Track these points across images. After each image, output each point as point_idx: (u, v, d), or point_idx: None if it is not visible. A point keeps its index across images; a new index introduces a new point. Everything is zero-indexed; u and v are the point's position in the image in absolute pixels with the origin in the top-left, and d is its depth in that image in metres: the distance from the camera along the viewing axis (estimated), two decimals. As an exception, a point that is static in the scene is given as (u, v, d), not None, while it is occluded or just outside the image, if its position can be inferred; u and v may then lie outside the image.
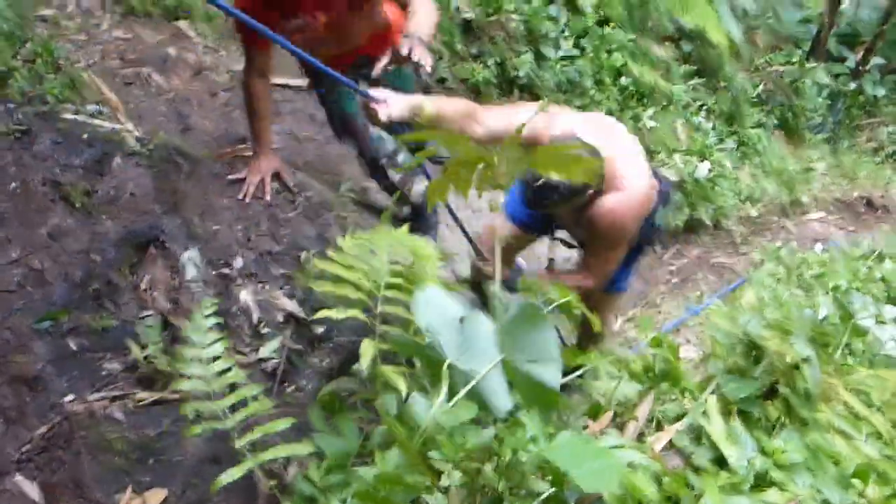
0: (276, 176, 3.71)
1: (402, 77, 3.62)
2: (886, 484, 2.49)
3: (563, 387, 1.94)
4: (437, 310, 1.92)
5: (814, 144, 7.70)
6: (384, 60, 3.07)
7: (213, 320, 2.31)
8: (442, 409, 1.81)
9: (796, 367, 2.82)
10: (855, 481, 2.43)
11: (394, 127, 3.34)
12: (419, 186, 3.89)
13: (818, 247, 6.36)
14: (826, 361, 3.77)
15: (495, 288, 2.23)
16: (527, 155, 2.31)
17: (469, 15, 5.30)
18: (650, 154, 5.79)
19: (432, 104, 2.81)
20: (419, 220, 4.10)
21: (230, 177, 3.62)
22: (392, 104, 2.75)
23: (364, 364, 1.90)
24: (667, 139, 5.84)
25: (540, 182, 2.83)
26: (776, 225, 6.75)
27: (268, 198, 3.61)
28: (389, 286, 2.17)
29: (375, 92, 2.80)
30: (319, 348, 3.47)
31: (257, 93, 3.51)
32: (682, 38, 6.37)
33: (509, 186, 2.42)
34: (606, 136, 2.96)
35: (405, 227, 2.73)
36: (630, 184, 2.96)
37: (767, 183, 6.65)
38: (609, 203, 2.94)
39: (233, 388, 2.19)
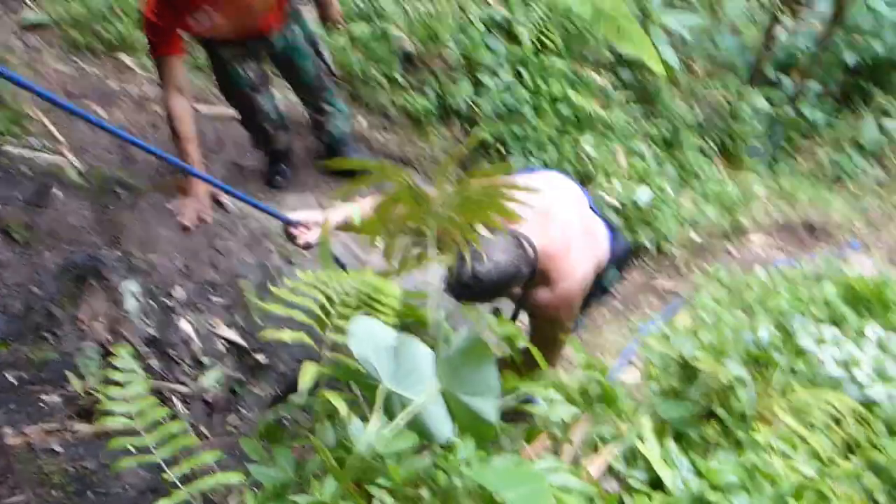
0: (211, 197, 3.79)
1: (300, 53, 3.87)
2: (824, 503, 2.58)
3: (502, 410, 2.01)
4: (372, 337, 1.99)
5: (753, 169, 7.88)
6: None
7: (134, 363, 2.38)
8: (380, 435, 1.87)
9: (731, 387, 2.91)
10: (791, 501, 2.51)
11: None
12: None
13: (760, 270, 6.50)
14: (765, 382, 3.88)
15: (440, 317, 2.31)
16: (462, 192, 2.38)
17: (409, 46, 5.41)
18: (590, 180, 5.92)
19: (360, 212, 2.70)
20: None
21: (169, 204, 3.68)
22: (314, 230, 2.81)
23: (303, 386, 1.94)
24: (607, 165, 5.97)
25: (466, 275, 2.64)
26: (718, 249, 6.91)
27: (208, 219, 3.67)
28: (342, 315, 2.22)
29: (297, 216, 2.86)
30: (261, 377, 3.54)
31: (177, 113, 3.62)
32: (620, 65, 6.53)
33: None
34: (544, 222, 2.85)
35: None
36: (565, 276, 2.93)
37: (708, 208, 6.81)
38: (545, 297, 2.92)
39: (170, 418, 2.24)
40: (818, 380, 4.01)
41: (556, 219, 2.95)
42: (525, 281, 2.85)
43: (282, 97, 4.64)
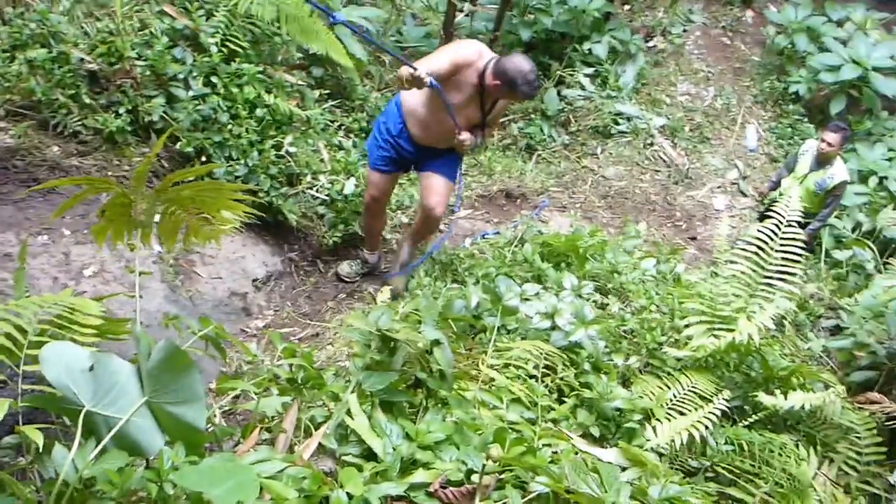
0: None
1: None
2: (522, 443, 2.80)
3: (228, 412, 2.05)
4: (66, 361, 1.97)
5: (451, 148, 8.18)
6: None
7: None
8: (85, 458, 1.86)
9: (429, 351, 3.09)
10: (494, 446, 2.70)
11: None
12: None
13: (467, 241, 6.84)
14: (473, 344, 4.10)
15: (137, 329, 2.30)
16: (165, 195, 2.43)
17: (92, 66, 5.24)
18: (297, 180, 6.00)
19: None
20: None
21: None
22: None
23: (-6, 424, 1.90)
24: (311, 162, 6.07)
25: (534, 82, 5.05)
26: (429, 227, 7.17)
27: None
28: (34, 344, 2.16)
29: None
30: (-27, 424, 3.36)
31: None
32: (311, 64, 6.62)
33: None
34: None
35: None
36: None
37: (414, 190, 7.06)
38: None
39: None
40: (529, 334, 4.31)
41: None
42: None
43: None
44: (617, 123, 9.49)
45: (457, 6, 8.56)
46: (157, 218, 2.70)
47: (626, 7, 11.14)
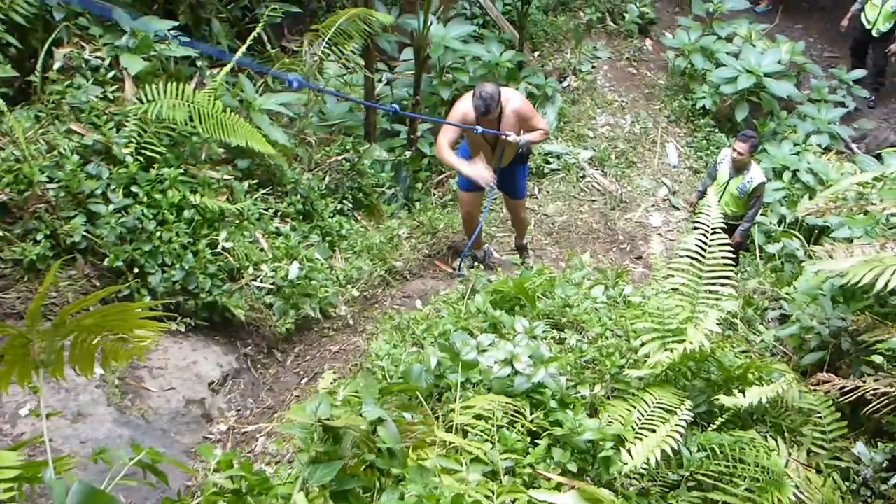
0: None
1: None
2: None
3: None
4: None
5: (392, 214, 7.71)
6: None
7: None
8: None
9: (373, 430, 2.68)
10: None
11: None
12: None
13: (418, 303, 6.30)
14: (434, 405, 3.64)
15: (48, 477, 2.04)
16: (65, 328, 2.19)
17: (2, 197, 4.59)
18: (238, 273, 5.39)
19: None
20: None
21: None
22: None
23: None
24: (250, 253, 5.47)
25: (485, 98, 5.78)
26: (382, 295, 6.61)
27: None
28: None
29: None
30: None
31: None
32: (236, 157, 6.03)
33: None
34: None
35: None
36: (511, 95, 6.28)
37: (361, 262, 6.50)
38: (512, 101, 6.16)
39: None
40: (494, 384, 3.89)
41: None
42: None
43: None
44: (548, 163, 9.35)
45: (374, 78, 8.09)
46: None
47: (536, 53, 11.03)
